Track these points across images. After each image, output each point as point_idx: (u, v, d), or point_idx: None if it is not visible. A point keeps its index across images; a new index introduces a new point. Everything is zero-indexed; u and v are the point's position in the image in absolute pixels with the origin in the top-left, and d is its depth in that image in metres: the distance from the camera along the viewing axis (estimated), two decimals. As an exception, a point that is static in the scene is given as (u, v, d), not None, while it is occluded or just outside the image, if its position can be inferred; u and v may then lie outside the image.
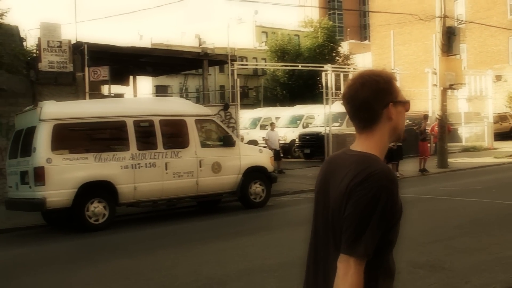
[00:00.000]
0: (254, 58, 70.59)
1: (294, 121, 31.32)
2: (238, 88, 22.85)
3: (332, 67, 25.42)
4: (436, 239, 9.20)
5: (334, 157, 2.39)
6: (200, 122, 13.93)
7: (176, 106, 14.36)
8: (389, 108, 2.26)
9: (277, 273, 7.66)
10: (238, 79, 23.19)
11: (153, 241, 10.92)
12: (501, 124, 37.26)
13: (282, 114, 33.04)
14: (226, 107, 21.90)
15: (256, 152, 14.77)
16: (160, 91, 22.68)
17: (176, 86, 61.79)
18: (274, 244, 9.78)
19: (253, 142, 25.55)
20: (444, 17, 22.44)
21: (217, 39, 74.40)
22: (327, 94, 25.49)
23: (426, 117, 22.91)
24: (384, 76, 2.29)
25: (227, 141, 13.87)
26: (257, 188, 14.32)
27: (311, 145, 27.29)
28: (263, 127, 32.36)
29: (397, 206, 2.15)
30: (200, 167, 13.44)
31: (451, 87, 22.55)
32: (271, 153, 15.52)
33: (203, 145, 13.73)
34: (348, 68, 26.96)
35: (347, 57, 61.16)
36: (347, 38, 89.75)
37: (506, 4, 46.04)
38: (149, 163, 12.71)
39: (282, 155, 23.42)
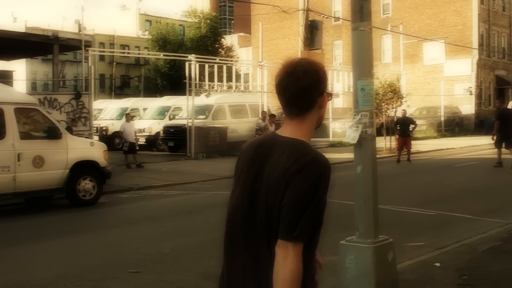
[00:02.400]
0: (136, 46, 68.52)
1: (162, 113, 30.21)
2: (93, 76, 21.42)
3: (196, 57, 24.52)
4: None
5: (263, 142, 2.39)
6: (21, 111, 12.50)
7: (-9, 92, 12.77)
8: (324, 97, 2.37)
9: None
10: (93, 66, 21.78)
11: None
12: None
13: (150, 105, 31.79)
14: (78, 96, 20.46)
15: (86, 145, 13.56)
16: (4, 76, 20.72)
17: (24, 71, 57.96)
18: (76, 250, 8.72)
19: (118, 133, 24.33)
20: (307, 10, 22.18)
21: (99, 25, 71.61)
22: (190, 86, 24.61)
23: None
24: (321, 67, 2.39)
25: (52, 133, 12.54)
26: (86, 184, 13.10)
27: (175, 138, 26.34)
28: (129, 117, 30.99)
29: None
30: (19, 161, 12.03)
31: (312, 81, 22.36)
32: (104, 146, 14.33)
33: (24, 136, 12.32)
34: (214, 59, 26.14)
35: (230, 49, 60.65)
36: (237, 30, 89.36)
37: (380, 4, 47.30)
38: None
39: (138, 148, 22.20)
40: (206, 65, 24.91)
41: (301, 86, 2.30)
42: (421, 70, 44.55)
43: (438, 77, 42.82)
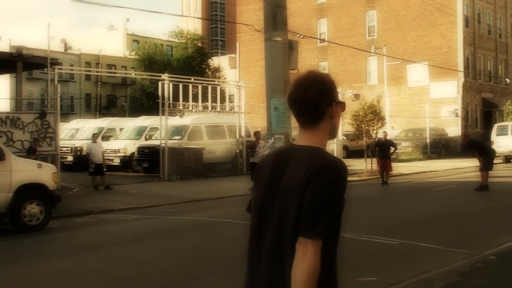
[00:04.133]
0: (123, 66, 67.88)
1: (139, 133, 29.42)
2: (58, 95, 20.66)
3: (170, 77, 23.83)
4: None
5: (281, 152, 2.55)
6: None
7: None
8: (333, 107, 2.47)
9: None
10: (59, 85, 21.04)
11: None
12: (357, 142, 37.49)
13: (127, 125, 30.99)
14: (42, 115, 19.64)
15: (33, 168, 12.71)
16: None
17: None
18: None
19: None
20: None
21: (87, 45, 71.08)
22: (163, 105, 23.87)
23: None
24: (328, 78, 2.50)
25: (-6, 154, 11.75)
26: (33, 208, 12.24)
27: (150, 159, 25.55)
28: (105, 138, 30.21)
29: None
30: (-43, 183, 11.24)
31: (288, 102, 21.64)
32: (53, 168, 13.51)
33: (-37, 158, 11.53)
34: (189, 79, 25.42)
35: (217, 70, 60.15)
36: (229, 51, 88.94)
37: (365, 26, 47.01)
38: None
39: (106, 169, 21.37)
40: (181, 85, 24.22)
41: (309, 98, 2.42)
42: (407, 92, 44.07)
43: (423, 99, 42.32)
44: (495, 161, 31.06)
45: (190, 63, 57.38)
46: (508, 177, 22.99)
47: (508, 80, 48.28)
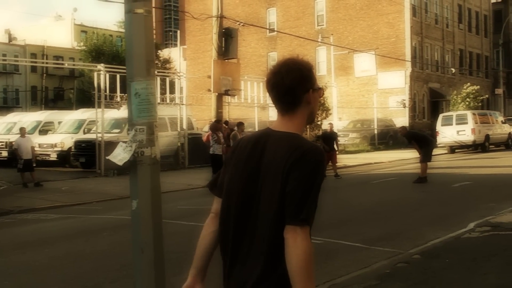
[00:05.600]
0: (71, 58, 65.82)
1: (78, 126, 28.28)
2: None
3: (106, 67, 22.83)
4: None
5: (259, 137, 2.56)
6: None
7: None
8: (309, 93, 2.55)
9: None
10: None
11: None
12: (306, 134, 37.14)
13: (66, 118, 29.77)
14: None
15: None
16: None
17: None
18: None
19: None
20: (221, 17, 20.89)
21: (33, 36, 68.76)
22: (99, 97, 22.87)
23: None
24: (306, 65, 2.56)
25: None
26: None
27: (87, 154, 24.48)
28: (43, 132, 29.02)
29: None
30: None
31: (226, 92, 20.98)
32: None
33: None
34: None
35: (167, 62, 59.05)
36: (183, 43, 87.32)
37: (314, 15, 46.65)
38: None
39: (35, 165, 20.27)
40: (118, 76, 23.26)
41: (286, 85, 2.50)
42: (356, 83, 43.95)
43: (372, 90, 42.25)
44: (440, 151, 31.35)
45: (139, 54, 56.13)
46: (448, 168, 22.88)
47: (453, 70, 48.69)
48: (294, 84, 2.48)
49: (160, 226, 4.02)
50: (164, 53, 62.23)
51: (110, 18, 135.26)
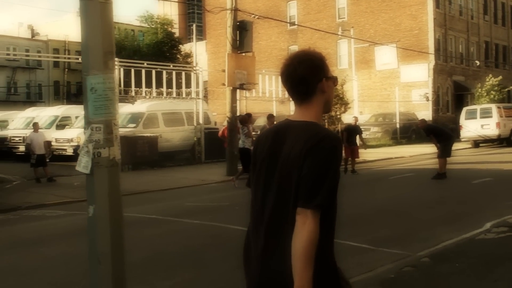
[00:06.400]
0: (93, 52, 65.99)
1: (95, 121, 28.16)
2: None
3: (120, 61, 22.58)
4: None
5: (279, 128, 2.68)
6: None
7: None
8: (323, 82, 2.62)
9: None
10: None
11: None
12: (329, 127, 36.70)
13: (82, 112, 29.60)
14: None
15: None
16: None
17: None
18: None
19: (47, 144, 22.14)
20: (235, 10, 20.47)
21: (55, 32, 69.14)
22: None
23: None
24: (317, 55, 2.64)
25: None
26: None
27: (103, 148, 24.33)
28: (60, 126, 28.98)
29: None
30: None
31: (241, 87, 20.58)
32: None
33: None
34: (142, 63, 24.17)
35: (188, 56, 58.88)
36: (205, 37, 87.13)
37: (335, 8, 45.96)
38: None
39: (48, 160, 20.16)
40: (132, 70, 23.03)
41: (298, 74, 2.59)
42: (377, 76, 43.20)
43: (394, 83, 41.49)
44: (463, 145, 30.57)
45: (160, 49, 56.09)
46: (469, 163, 22.19)
47: (478, 63, 47.57)
48: (306, 73, 2.56)
49: (120, 235, 3.67)
50: (186, 47, 62.07)
51: (131, 13, 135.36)
